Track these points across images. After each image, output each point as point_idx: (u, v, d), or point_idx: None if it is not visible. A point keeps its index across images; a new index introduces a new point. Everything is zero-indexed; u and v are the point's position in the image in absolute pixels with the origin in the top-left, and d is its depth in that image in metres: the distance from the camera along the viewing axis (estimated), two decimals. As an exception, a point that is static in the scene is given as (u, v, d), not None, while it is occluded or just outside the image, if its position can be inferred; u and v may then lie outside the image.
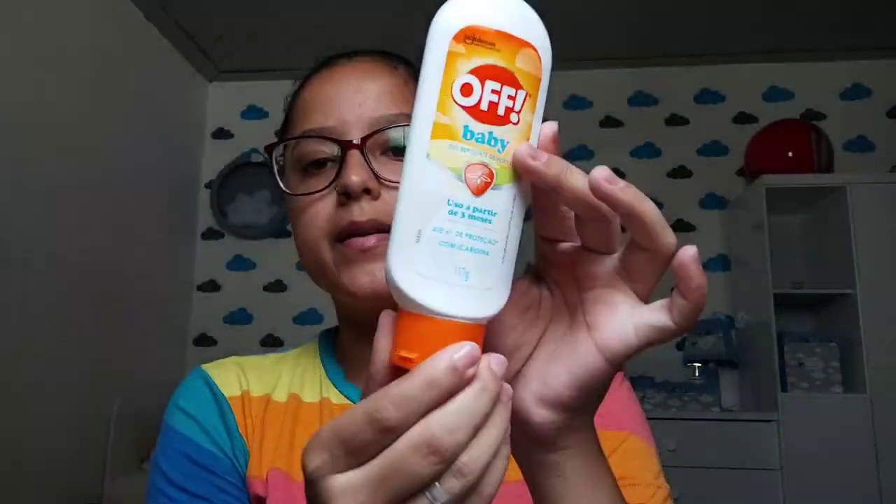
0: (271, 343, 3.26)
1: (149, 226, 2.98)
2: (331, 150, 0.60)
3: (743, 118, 3.24)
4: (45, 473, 2.32)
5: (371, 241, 0.58)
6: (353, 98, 0.61)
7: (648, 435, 0.66)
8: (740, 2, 2.86)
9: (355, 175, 0.57)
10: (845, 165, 3.05)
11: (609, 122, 3.33)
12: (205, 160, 3.50)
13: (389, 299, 0.34)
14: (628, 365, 2.99)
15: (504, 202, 0.35)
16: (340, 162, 0.59)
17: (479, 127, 0.34)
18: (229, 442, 0.62)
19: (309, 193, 0.61)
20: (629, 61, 3.31)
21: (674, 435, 2.56)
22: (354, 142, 0.59)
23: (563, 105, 3.36)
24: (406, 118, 0.60)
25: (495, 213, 0.34)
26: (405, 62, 0.67)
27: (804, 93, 3.23)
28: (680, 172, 3.24)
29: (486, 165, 0.34)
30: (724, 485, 2.51)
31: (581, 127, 3.32)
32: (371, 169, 0.59)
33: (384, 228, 0.58)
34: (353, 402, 0.62)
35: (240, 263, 3.37)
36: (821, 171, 2.84)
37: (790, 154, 2.85)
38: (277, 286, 3.32)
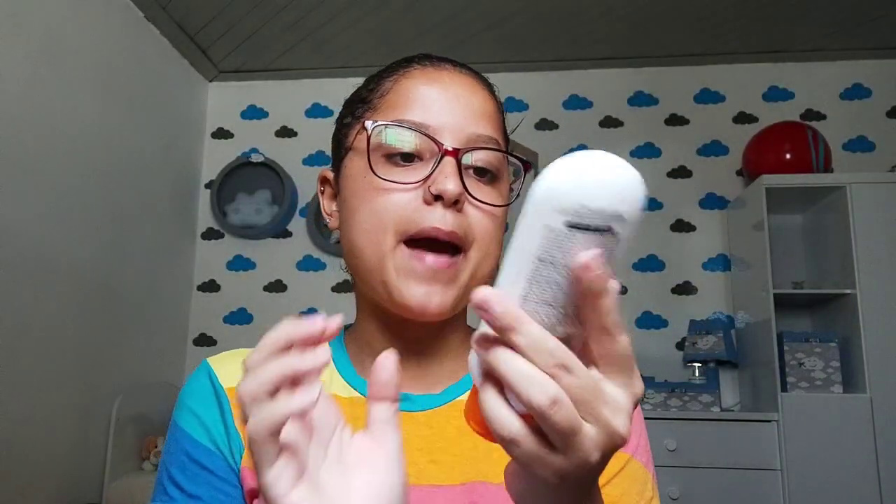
0: (271, 343, 3.26)
1: (149, 226, 2.98)
2: (426, 147, 0.59)
3: (743, 118, 3.24)
4: (45, 474, 2.32)
5: (445, 263, 0.58)
6: (457, 108, 0.60)
7: (649, 460, 0.66)
8: (740, 2, 2.86)
9: (454, 183, 0.57)
10: (845, 165, 3.05)
11: (609, 122, 3.33)
12: (205, 160, 3.50)
13: (427, 320, 0.34)
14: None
15: None
16: (434, 164, 0.58)
17: None
18: (226, 438, 0.61)
19: (399, 183, 0.59)
20: (629, 61, 3.31)
21: (674, 435, 2.56)
22: (453, 149, 0.58)
23: (563, 105, 3.36)
24: (497, 143, 0.62)
25: None
26: (495, 93, 0.67)
27: (804, 93, 3.23)
28: (680, 172, 3.24)
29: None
30: (724, 485, 2.51)
31: (581, 127, 3.32)
32: (463, 182, 0.58)
33: (458, 244, 0.58)
34: (362, 395, 0.62)
35: (240, 263, 3.37)
36: (820, 171, 2.84)
37: (789, 154, 2.85)
38: (277, 286, 3.32)
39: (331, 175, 0.68)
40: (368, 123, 0.60)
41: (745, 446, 2.55)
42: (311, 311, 3.27)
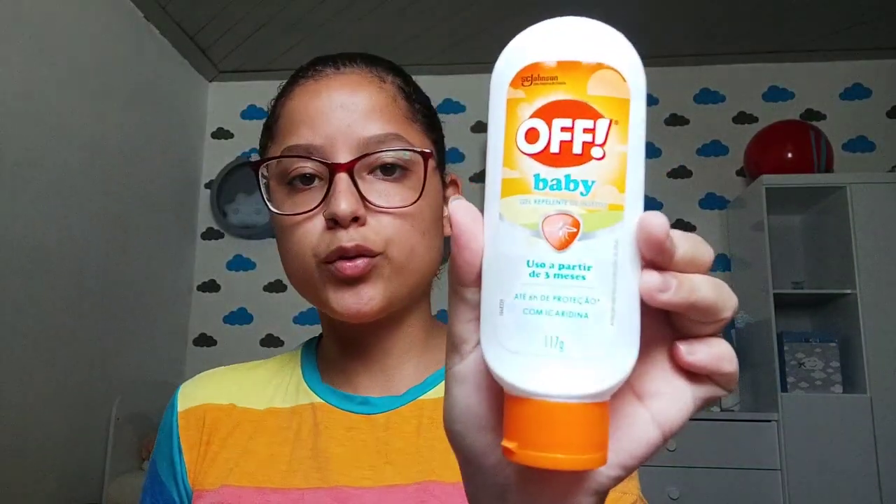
0: (271, 343, 3.26)
1: (149, 226, 2.98)
2: (319, 168, 0.60)
3: (743, 118, 3.24)
4: (46, 473, 2.32)
5: (359, 265, 0.58)
6: (341, 115, 0.60)
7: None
8: (740, 2, 2.86)
9: (344, 203, 0.57)
10: (845, 165, 3.05)
11: (609, 122, 3.32)
12: (205, 160, 3.50)
13: (373, 320, 0.32)
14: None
15: (601, 251, 0.29)
16: (328, 183, 0.59)
17: (551, 172, 0.29)
18: (171, 470, 0.65)
19: (296, 214, 0.60)
20: (629, 61, 3.30)
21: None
22: (343, 164, 0.58)
23: (563, 105, 3.35)
24: (395, 137, 0.60)
25: (589, 267, 0.29)
26: (393, 70, 0.65)
27: (804, 93, 3.23)
28: (680, 172, 3.24)
29: (567, 214, 0.29)
30: (724, 485, 2.51)
31: (581, 127, 3.32)
32: (359, 193, 0.58)
33: (370, 253, 0.59)
34: (325, 401, 0.64)
35: (240, 263, 3.37)
36: (820, 171, 2.84)
37: (790, 154, 2.85)
38: (277, 286, 3.32)
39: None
40: (260, 166, 0.62)
41: (745, 446, 2.55)
42: (311, 311, 3.27)
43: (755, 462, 2.52)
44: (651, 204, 3.21)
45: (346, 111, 0.60)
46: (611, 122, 0.30)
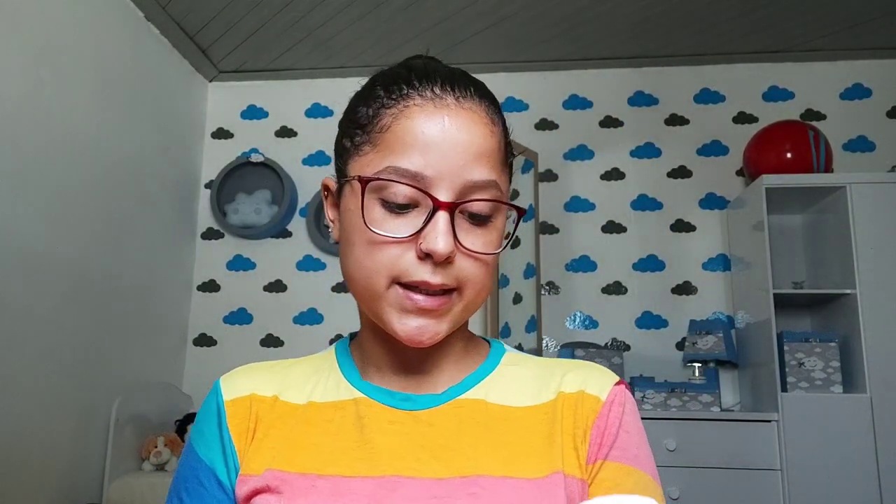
0: (271, 343, 3.26)
1: (149, 226, 2.98)
2: (420, 198, 0.60)
3: (743, 118, 3.24)
4: (46, 474, 2.32)
5: (436, 303, 0.60)
6: (454, 154, 0.60)
7: (656, 475, 0.68)
8: (740, 2, 2.86)
9: (444, 243, 0.58)
10: (845, 165, 3.05)
11: (609, 122, 3.33)
12: (205, 160, 3.50)
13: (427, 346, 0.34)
14: (629, 364, 2.99)
15: None
16: (426, 217, 0.59)
17: None
18: (222, 455, 0.65)
19: (392, 237, 0.60)
20: (629, 61, 3.31)
21: (674, 435, 2.56)
22: (447, 202, 0.59)
23: (563, 105, 3.36)
24: (495, 187, 0.62)
25: None
26: (498, 111, 0.66)
27: (804, 93, 3.23)
28: (680, 172, 3.24)
29: None
30: (724, 485, 2.51)
31: (581, 127, 3.32)
32: (455, 236, 0.60)
33: (449, 291, 0.61)
34: (368, 396, 0.66)
35: (240, 263, 3.37)
36: (820, 172, 2.84)
37: (790, 154, 2.85)
38: (277, 286, 3.32)
39: (333, 185, 0.69)
40: (362, 173, 0.61)
41: (745, 446, 2.55)
42: (311, 311, 3.27)
43: (755, 462, 2.52)
44: (651, 204, 3.22)
45: (459, 150, 0.60)
46: None
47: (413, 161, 0.59)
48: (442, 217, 0.59)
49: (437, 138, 0.60)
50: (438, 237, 0.58)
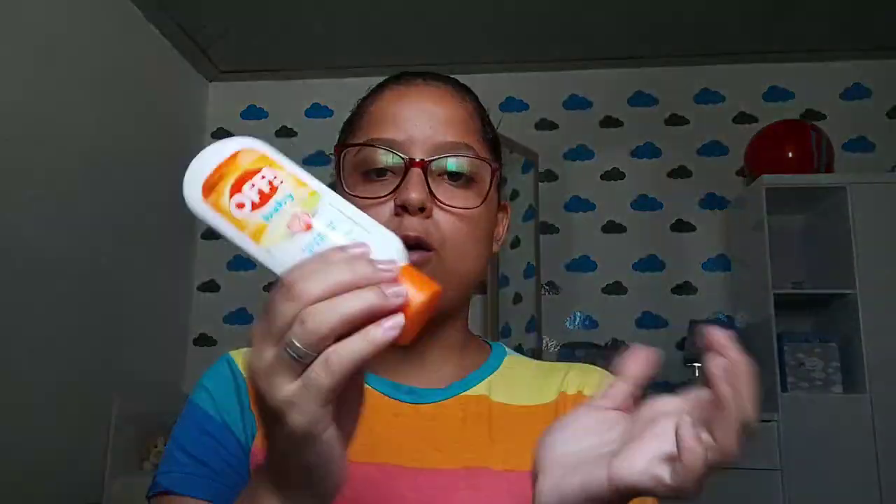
0: (271, 343, 3.26)
1: (149, 226, 2.98)
2: (394, 162, 0.64)
3: (743, 118, 3.24)
4: (45, 473, 2.32)
5: (413, 257, 0.61)
6: (424, 120, 0.65)
7: None
8: (740, 2, 2.86)
9: (415, 192, 0.61)
10: (845, 165, 3.05)
11: (609, 122, 3.33)
12: (205, 160, 3.49)
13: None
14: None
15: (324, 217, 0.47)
16: (402, 176, 0.63)
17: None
18: (241, 418, 0.65)
19: (370, 198, 0.64)
20: (629, 61, 3.31)
21: (674, 435, 2.56)
22: (419, 160, 0.63)
23: (563, 105, 3.36)
24: (467, 147, 0.66)
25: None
26: (473, 95, 0.72)
27: (804, 93, 3.23)
28: (680, 172, 3.24)
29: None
30: (724, 485, 2.50)
31: (581, 127, 3.32)
32: (429, 189, 0.62)
33: (428, 247, 0.63)
34: (372, 387, 0.67)
35: (240, 263, 3.37)
36: (821, 171, 2.84)
37: (790, 154, 2.85)
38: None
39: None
40: (344, 149, 0.68)
41: (746, 446, 2.55)
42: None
43: (755, 462, 2.52)
44: (651, 204, 3.22)
45: (429, 117, 0.65)
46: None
47: (387, 131, 0.65)
48: (415, 172, 0.62)
49: (407, 110, 0.66)
50: (410, 188, 0.61)
